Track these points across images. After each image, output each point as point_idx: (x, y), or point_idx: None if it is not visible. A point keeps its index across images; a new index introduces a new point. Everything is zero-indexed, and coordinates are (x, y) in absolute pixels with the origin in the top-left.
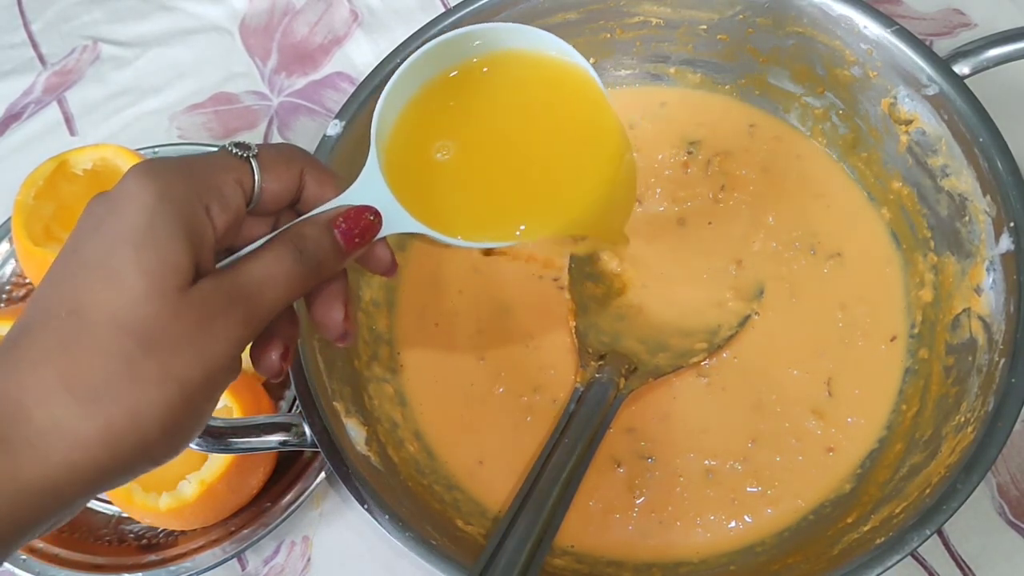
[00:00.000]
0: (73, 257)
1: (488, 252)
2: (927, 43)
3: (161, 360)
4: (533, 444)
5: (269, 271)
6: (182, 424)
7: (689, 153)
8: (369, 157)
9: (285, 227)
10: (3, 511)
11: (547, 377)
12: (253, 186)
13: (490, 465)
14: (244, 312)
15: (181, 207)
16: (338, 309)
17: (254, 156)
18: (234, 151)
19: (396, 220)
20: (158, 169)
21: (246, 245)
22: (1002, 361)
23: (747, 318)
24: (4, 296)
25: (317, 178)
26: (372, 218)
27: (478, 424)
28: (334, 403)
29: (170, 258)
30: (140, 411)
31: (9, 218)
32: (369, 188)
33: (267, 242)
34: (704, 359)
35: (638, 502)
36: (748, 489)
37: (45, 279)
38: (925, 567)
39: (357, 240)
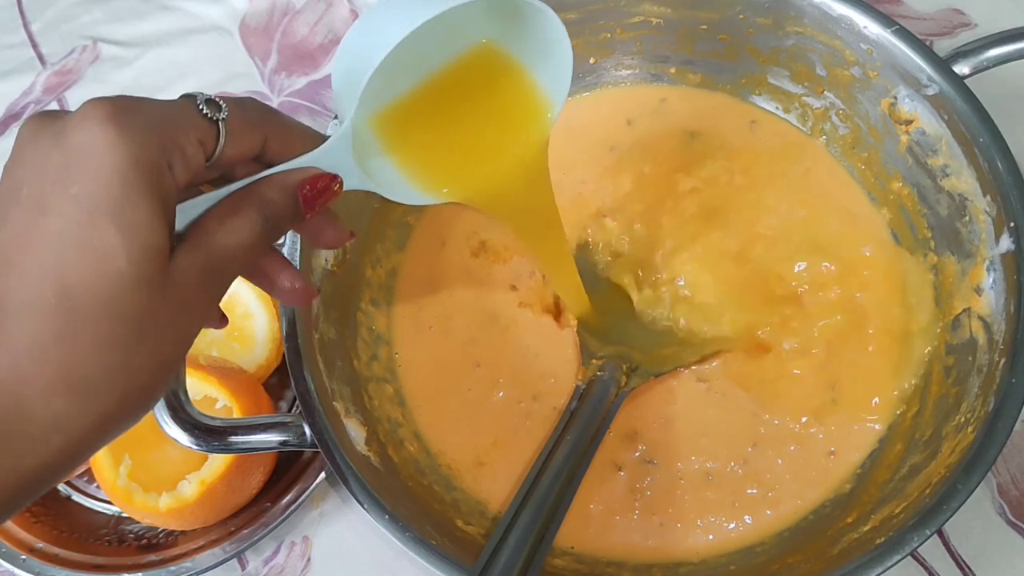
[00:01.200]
0: (43, 220)
1: (476, 253)
2: (927, 43)
3: (151, 346)
4: (533, 445)
5: (240, 239)
6: (158, 397)
7: (689, 149)
8: (344, 124)
9: (248, 183)
10: (3, 499)
11: (547, 385)
12: (215, 149)
13: (490, 465)
14: (218, 286)
15: (153, 175)
16: (333, 225)
17: (223, 120)
18: (204, 110)
19: (350, 179)
20: (125, 121)
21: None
22: (1002, 361)
23: (748, 317)
24: None
25: (281, 138)
26: (336, 187)
27: (477, 427)
28: (334, 403)
29: (154, 241)
30: (130, 396)
31: None
32: (335, 152)
33: (232, 202)
34: (705, 358)
35: (638, 505)
36: (748, 491)
37: (15, 238)
38: (925, 567)
39: (317, 206)
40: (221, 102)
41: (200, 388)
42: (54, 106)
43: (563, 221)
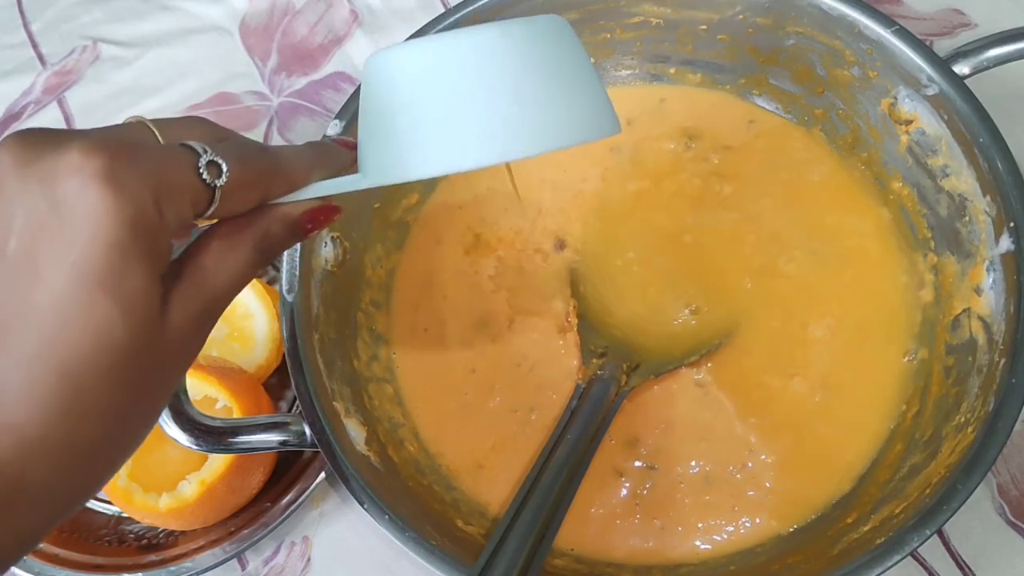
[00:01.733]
0: (38, 290)
1: (469, 250)
2: (927, 43)
3: (147, 405)
4: (531, 448)
5: (234, 276)
6: (148, 433)
7: (688, 148)
8: (368, 181)
9: (249, 217)
10: (10, 556)
11: (545, 398)
12: (205, 210)
13: (489, 469)
14: (210, 325)
15: (149, 238)
16: (321, 211)
17: (220, 187)
18: (203, 174)
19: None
20: (122, 180)
21: None
22: (1002, 361)
23: (747, 316)
24: None
25: (284, 185)
26: (336, 217)
27: (475, 431)
28: (334, 403)
29: (151, 308)
30: (127, 446)
31: None
32: (344, 184)
33: (228, 234)
34: (705, 357)
35: (639, 509)
36: (748, 494)
37: (8, 307)
38: (925, 567)
39: (313, 232)
40: (223, 165)
41: (200, 388)
42: (54, 106)
43: (563, 220)
